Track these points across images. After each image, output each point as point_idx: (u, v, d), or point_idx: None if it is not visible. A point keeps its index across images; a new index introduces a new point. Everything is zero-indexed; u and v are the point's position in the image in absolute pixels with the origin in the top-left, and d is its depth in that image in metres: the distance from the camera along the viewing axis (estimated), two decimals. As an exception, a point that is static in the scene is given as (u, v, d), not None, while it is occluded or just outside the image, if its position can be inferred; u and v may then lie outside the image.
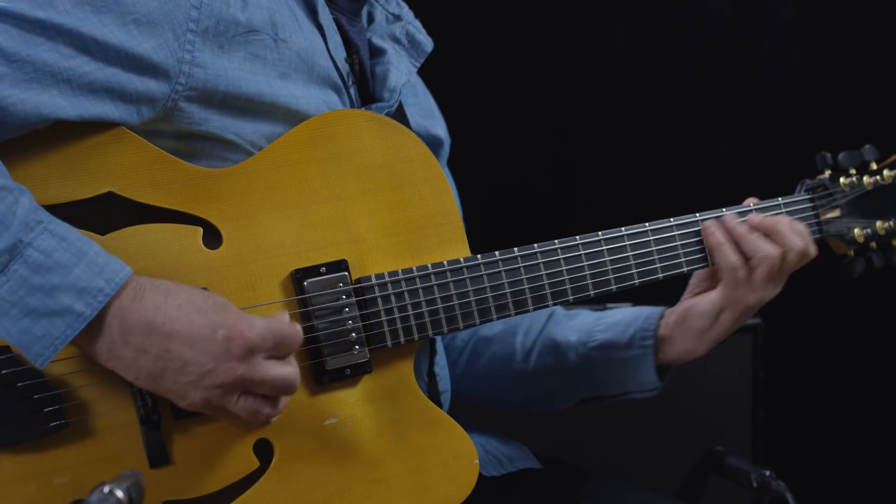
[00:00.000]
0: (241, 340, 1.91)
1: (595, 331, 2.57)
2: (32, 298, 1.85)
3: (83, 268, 1.87)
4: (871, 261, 2.58)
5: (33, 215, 1.87)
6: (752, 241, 2.38)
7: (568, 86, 3.96)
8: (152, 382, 1.92)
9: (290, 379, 1.97)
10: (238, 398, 1.94)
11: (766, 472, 3.09)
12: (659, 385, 2.54)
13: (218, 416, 2.01)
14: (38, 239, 1.86)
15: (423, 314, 2.19)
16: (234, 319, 1.93)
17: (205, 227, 2.08)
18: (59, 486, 1.96)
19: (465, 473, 2.21)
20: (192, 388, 1.92)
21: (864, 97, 3.95)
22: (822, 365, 4.03)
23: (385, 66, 2.36)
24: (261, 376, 1.94)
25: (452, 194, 2.26)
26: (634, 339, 2.51)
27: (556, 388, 2.63)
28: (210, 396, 1.93)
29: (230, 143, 2.11)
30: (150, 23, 2.02)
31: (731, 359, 3.45)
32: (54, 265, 1.86)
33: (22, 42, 1.93)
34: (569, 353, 2.58)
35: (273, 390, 1.97)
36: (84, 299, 1.86)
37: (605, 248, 2.34)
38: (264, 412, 1.98)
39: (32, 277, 1.85)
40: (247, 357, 1.92)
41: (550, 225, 3.89)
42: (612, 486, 2.58)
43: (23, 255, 1.85)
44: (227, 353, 1.91)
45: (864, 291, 2.64)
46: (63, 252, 1.87)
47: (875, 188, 2.57)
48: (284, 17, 2.18)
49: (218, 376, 1.91)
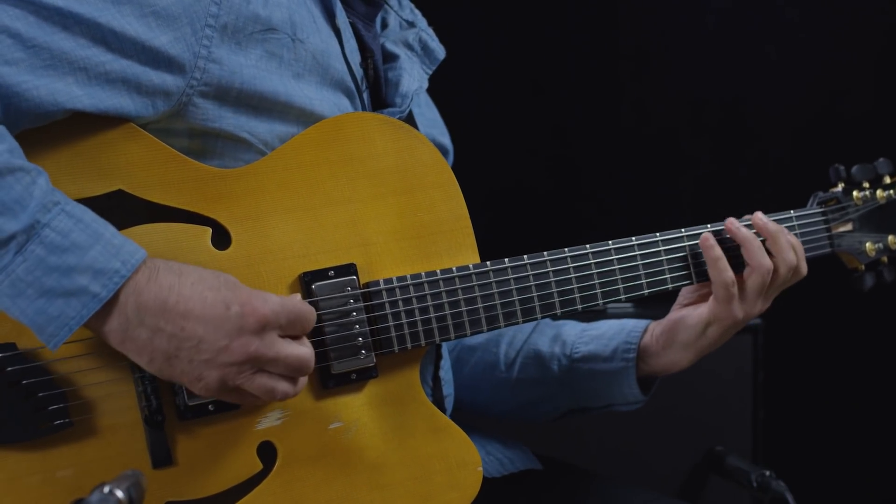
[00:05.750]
0: (254, 316, 1.91)
1: (578, 343, 2.57)
2: (49, 279, 1.85)
3: (100, 249, 1.87)
4: (882, 275, 2.58)
5: (50, 196, 1.87)
6: (754, 250, 2.37)
7: (569, 87, 3.95)
8: (167, 364, 1.91)
9: (304, 358, 1.97)
10: (254, 375, 1.94)
11: (766, 472, 3.11)
12: (642, 399, 2.54)
13: (235, 400, 2.00)
14: (55, 220, 1.86)
15: (431, 320, 2.18)
16: (247, 296, 1.93)
17: (214, 227, 2.07)
18: (60, 484, 1.95)
19: (469, 481, 2.21)
20: (207, 367, 1.91)
21: (868, 99, 3.94)
22: (822, 365, 4.03)
23: (398, 72, 2.36)
24: (275, 353, 1.93)
25: (463, 200, 2.25)
26: (617, 352, 2.51)
27: (539, 398, 2.62)
28: (225, 375, 1.92)
29: (243, 142, 2.11)
30: (169, 16, 2.01)
31: (731, 359, 3.45)
32: (71, 246, 1.86)
33: (39, 29, 1.92)
34: (551, 363, 2.58)
35: (287, 369, 1.96)
36: (100, 280, 1.86)
37: (616, 258, 2.33)
38: (280, 389, 1.97)
39: (49, 258, 1.85)
40: (260, 332, 1.92)
41: (552, 227, 3.92)
42: (612, 487, 2.58)
43: (40, 236, 1.84)
44: (241, 329, 1.91)
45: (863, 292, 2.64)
46: (80, 233, 1.86)
47: (888, 202, 2.56)
48: (303, 17, 2.17)
49: (232, 353, 1.91)
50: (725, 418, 3.47)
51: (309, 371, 1.99)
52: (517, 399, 2.64)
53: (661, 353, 2.47)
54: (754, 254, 2.37)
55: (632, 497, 2.54)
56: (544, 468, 2.62)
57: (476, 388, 2.66)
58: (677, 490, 3.40)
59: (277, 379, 1.96)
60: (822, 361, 4.04)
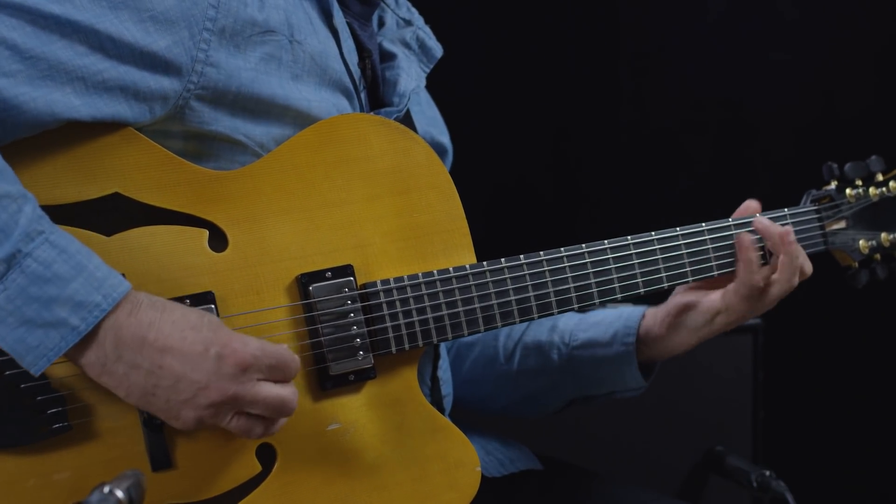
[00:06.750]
0: (232, 359, 1.90)
1: (577, 330, 2.57)
2: (29, 309, 1.84)
3: (81, 281, 1.86)
4: (875, 272, 2.58)
5: (35, 225, 1.86)
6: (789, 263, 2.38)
7: (569, 86, 3.95)
8: (143, 400, 1.91)
9: (285, 400, 1.96)
10: (231, 418, 1.94)
11: (766, 472, 3.11)
12: (643, 384, 2.53)
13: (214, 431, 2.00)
14: (37, 250, 1.85)
15: (428, 321, 2.18)
16: (227, 338, 1.92)
17: (211, 229, 2.07)
18: (59, 487, 1.95)
19: (467, 481, 2.20)
20: (184, 407, 1.91)
21: (868, 98, 3.94)
22: (822, 365, 4.04)
23: (395, 71, 2.36)
24: (252, 396, 1.93)
25: (459, 200, 2.24)
26: (616, 337, 2.51)
27: (540, 389, 2.62)
28: (203, 416, 1.92)
29: (238, 145, 2.11)
30: (167, 20, 2.01)
31: (731, 359, 3.45)
32: (53, 277, 1.85)
33: (36, 39, 1.92)
34: (551, 353, 2.57)
35: (268, 411, 1.95)
36: (80, 313, 1.86)
37: (612, 257, 2.33)
38: (256, 432, 1.97)
39: (30, 288, 1.84)
40: (239, 376, 1.91)
41: (551, 227, 3.92)
42: (612, 487, 2.58)
43: (21, 266, 1.84)
44: (219, 371, 1.90)
45: (864, 292, 2.64)
46: (62, 264, 1.86)
47: (881, 200, 2.56)
48: (300, 18, 2.17)
49: (210, 394, 1.90)
50: (725, 418, 3.46)
51: (291, 412, 1.98)
52: (519, 391, 2.63)
53: (665, 335, 2.47)
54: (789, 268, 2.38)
55: (632, 497, 2.53)
56: (544, 468, 2.62)
57: (477, 383, 2.66)
58: (677, 490, 3.40)
59: (256, 421, 1.96)
60: (822, 361, 4.04)
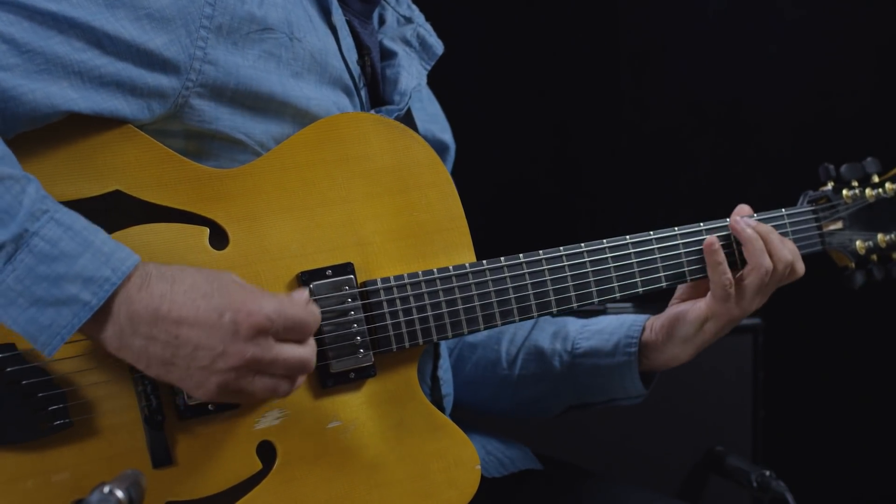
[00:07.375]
0: (247, 322, 1.88)
1: (580, 338, 2.57)
2: (38, 288, 1.84)
3: (89, 257, 1.86)
4: (872, 273, 2.59)
5: (39, 204, 1.86)
6: (755, 250, 2.38)
7: (569, 86, 3.96)
8: (164, 370, 1.90)
9: (304, 359, 1.95)
10: (254, 379, 1.92)
11: (766, 472, 3.12)
12: (644, 392, 2.54)
13: (235, 401, 2.00)
14: (43, 228, 1.85)
15: (428, 319, 2.19)
16: (241, 301, 1.90)
17: (211, 227, 2.08)
18: (60, 484, 1.96)
19: (467, 479, 2.21)
20: (205, 374, 1.89)
21: (867, 99, 3.94)
22: (822, 365, 4.04)
23: (396, 69, 2.36)
24: (272, 357, 1.91)
25: (458, 199, 2.25)
26: (619, 347, 2.51)
27: (541, 395, 2.62)
28: (225, 380, 1.90)
29: (238, 143, 2.11)
30: (164, 18, 2.02)
31: (731, 359, 3.46)
32: (60, 254, 1.85)
33: (33, 34, 1.93)
34: (553, 360, 2.58)
35: (287, 370, 1.94)
36: (90, 288, 1.85)
37: (610, 256, 2.34)
38: (281, 390, 1.95)
39: (38, 267, 1.84)
40: (255, 338, 1.89)
41: (552, 226, 3.92)
42: (612, 487, 2.58)
43: (28, 245, 1.84)
44: (235, 335, 1.88)
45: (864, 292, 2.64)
46: (69, 241, 1.86)
47: (877, 201, 2.58)
48: (299, 16, 2.18)
49: (229, 359, 1.89)
50: (725, 418, 3.47)
51: (310, 370, 1.97)
52: (519, 396, 2.64)
53: (662, 347, 2.48)
54: (755, 254, 2.37)
55: (632, 497, 2.53)
56: (544, 468, 2.62)
57: (478, 386, 2.66)
58: (677, 490, 3.41)
59: (279, 380, 1.95)
60: (822, 361, 4.04)
